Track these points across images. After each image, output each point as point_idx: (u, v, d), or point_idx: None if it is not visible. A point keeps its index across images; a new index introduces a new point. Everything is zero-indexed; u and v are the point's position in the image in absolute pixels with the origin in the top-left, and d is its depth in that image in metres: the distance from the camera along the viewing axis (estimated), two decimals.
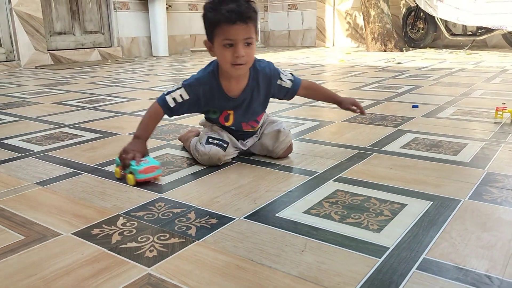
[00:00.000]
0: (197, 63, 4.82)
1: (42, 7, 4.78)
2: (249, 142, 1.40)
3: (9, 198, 1.10)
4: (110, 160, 1.40)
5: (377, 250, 0.83)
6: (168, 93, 1.28)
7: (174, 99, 1.27)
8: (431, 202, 1.03)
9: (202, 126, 1.45)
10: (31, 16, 4.64)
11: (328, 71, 3.96)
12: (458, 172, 1.23)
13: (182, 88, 1.27)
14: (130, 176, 1.17)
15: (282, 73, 1.36)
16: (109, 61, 5.24)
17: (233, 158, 1.36)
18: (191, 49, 6.51)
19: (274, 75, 1.35)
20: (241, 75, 1.28)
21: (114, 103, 2.44)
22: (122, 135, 1.72)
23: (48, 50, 4.87)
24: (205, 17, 1.21)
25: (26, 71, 4.30)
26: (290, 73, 1.39)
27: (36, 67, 4.59)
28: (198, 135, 1.44)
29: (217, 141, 1.30)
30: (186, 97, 1.27)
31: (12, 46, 4.58)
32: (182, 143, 1.52)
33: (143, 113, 2.15)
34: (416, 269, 0.76)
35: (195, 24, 6.61)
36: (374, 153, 1.42)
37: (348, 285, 0.72)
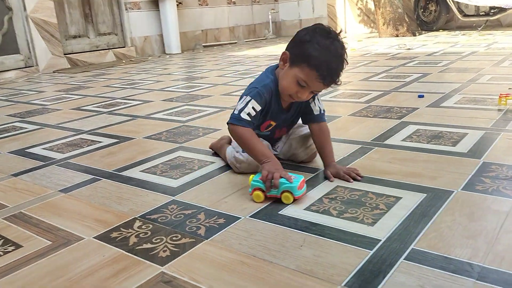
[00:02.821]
0: (209, 59, 4.90)
1: (56, 12, 4.92)
2: (280, 146, 1.42)
3: (35, 206, 1.21)
4: (127, 165, 1.50)
5: (370, 242, 0.90)
6: (240, 111, 1.21)
7: (248, 114, 1.21)
8: (425, 195, 1.09)
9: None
10: (46, 22, 4.78)
11: None
12: (455, 163, 1.28)
13: (252, 100, 1.21)
14: (287, 194, 1.10)
15: (318, 99, 1.34)
16: (124, 61, 5.36)
17: None
18: (203, 44, 6.60)
19: (316, 95, 1.32)
20: None
21: (129, 106, 2.54)
22: (138, 139, 1.82)
23: (64, 54, 5.02)
24: (304, 43, 1.15)
25: (45, 76, 4.46)
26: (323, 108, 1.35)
27: (54, 72, 4.75)
28: (230, 142, 1.47)
29: None
30: (258, 108, 1.22)
31: (30, 52, 4.74)
32: (213, 150, 1.54)
33: (157, 115, 2.29)
34: (404, 259, 0.83)
35: (206, 19, 6.68)
36: (376, 148, 1.48)
37: (340, 276, 0.80)
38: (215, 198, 1.17)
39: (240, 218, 1.05)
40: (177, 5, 6.01)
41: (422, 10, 6.28)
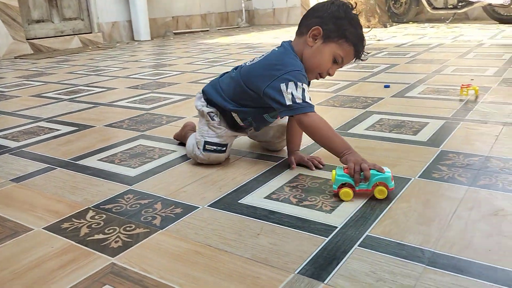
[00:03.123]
0: (179, 46, 4.82)
1: None
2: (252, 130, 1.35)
3: None
4: (84, 154, 1.45)
5: (326, 230, 0.89)
6: (304, 98, 1.11)
7: (310, 98, 1.13)
8: None
9: (199, 114, 1.32)
10: (6, 5, 4.58)
11: None
12: (415, 152, 1.30)
13: (303, 84, 1.13)
14: (381, 188, 0.99)
15: None
16: (90, 47, 5.21)
17: None
18: (173, 31, 6.48)
19: None
20: None
21: (92, 94, 2.47)
22: (98, 127, 1.77)
23: (27, 39, 4.83)
24: (339, 19, 1.14)
25: (5, 62, 4.28)
26: None
27: (15, 57, 4.57)
28: (194, 129, 1.43)
29: (215, 147, 1.25)
30: (307, 88, 1.15)
31: None
32: (178, 140, 1.49)
33: (120, 103, 2.23)
34: (358, 245, 0.83)
35: (177, 6, 6.55)
36: None
37: (294, 263, 0.79)
38: (174, 187, 1.15)
39: (199, 207, 1.03)
40: None
41: (393, 2, 6.34)
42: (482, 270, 0.74)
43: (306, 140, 1.35)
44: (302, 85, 1.12)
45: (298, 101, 1.11)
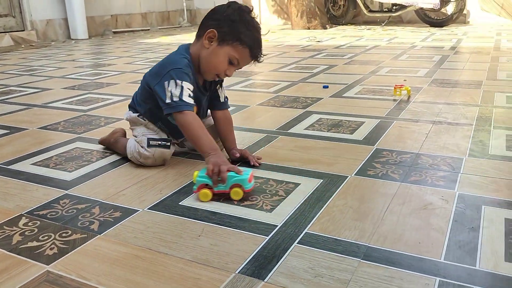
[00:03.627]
0: (118, 46, 4.69)
1: None
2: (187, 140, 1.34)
3: None
4: (16, 158, 1.38)
5: (266, 228, 0.91)
6: (181, 96, 1.15)
7: (189, 96, 1.16)
8: (322, 180, 1.13)
9: (131, 124, 1.34)
10: None
11: None
12: (351, 150, 1.35)
13: (183, 81, 1.16)
14: (237, 190, 1.03)
15: (223, 86, 1.37)
16: (23, 46, 4.94)
17: None
18: (113, 30, 6.29)
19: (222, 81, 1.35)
20: None
21: (25, 95, 2.34)
22: (31, 129, 1.68)
23: None
24: (233, 22, 1.17)
25: None
26: None
27: None
28: (124, 135, 1.40)
29: (159, 142, 1.25)
30: (191, 88, 1.18)
31: None
32: (103, 145, 1.44)
33: (55, 104, 2.13)
34: (297, 243, 0.85)
35: (116, 4, 6.36)
36: (280, 136, 1.51)
37: (235, 263, 0.80)
38: (113, 191, 1.12)
39: (138, 210, 1.01)
40: None
41: (332, 4, 6.54)
42: (412, 261, 0.79)
43: (246, 141, 1.36)
44: (181, 83, 1.16)
45: (175, 99, 1.15)
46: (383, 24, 6.13)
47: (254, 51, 1.20)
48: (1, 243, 0.89)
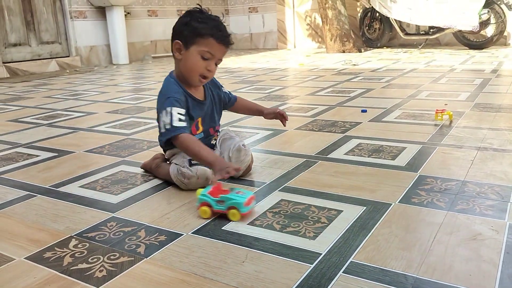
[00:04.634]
0: (158, 70, 4.83)
1: None
2: None
3: None
4: (64, 180, 1.43)
5: (310, 256, 0.91)
6: (171, 122, 1.24)
7: (180, 120, 1.24)
8: (365, 207, 1.12)
9: (171, 156, 1.38)
10: None
11: (287, 76, 4.06)
12: (394, 177, 1.33)
13: (173, 108, 1.25)
14: (234, 212, 1.08)
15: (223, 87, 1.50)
16: (68, 71, 5.18)
17: None
18: (152, 55, 6.50)
19: (218, 83, 1.47)
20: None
21: (71, 118, 2.45)
22: (78, 153, 1.75)
23: (3, 63, 4.77)
24: (187, 24, 1.25)
25: None
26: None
27: None
28: (165, 160, 1.43)
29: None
30: (182, 111, 1.26)
31: None
32: (145, 171, 1.47)
33: (100, 128, 2.21)
34: (343, 272, 0.84)
35: (155, 30, 6.60)
36: (320, 161, 1.51)
37: None
38: (157, 214, 1.15)
39: (182, 234, 1.03)
40: (125, 15, 5.90)
41: (367, 27, 6.53)
42: None
43: (285, 166, 1.36)
44: (171, 110, 1.25)
45: (167, 127, 1.24)
46: (420, 46, 6.06)
47: (218, 37, 1.25)
48: (53, 264, 0.92)
